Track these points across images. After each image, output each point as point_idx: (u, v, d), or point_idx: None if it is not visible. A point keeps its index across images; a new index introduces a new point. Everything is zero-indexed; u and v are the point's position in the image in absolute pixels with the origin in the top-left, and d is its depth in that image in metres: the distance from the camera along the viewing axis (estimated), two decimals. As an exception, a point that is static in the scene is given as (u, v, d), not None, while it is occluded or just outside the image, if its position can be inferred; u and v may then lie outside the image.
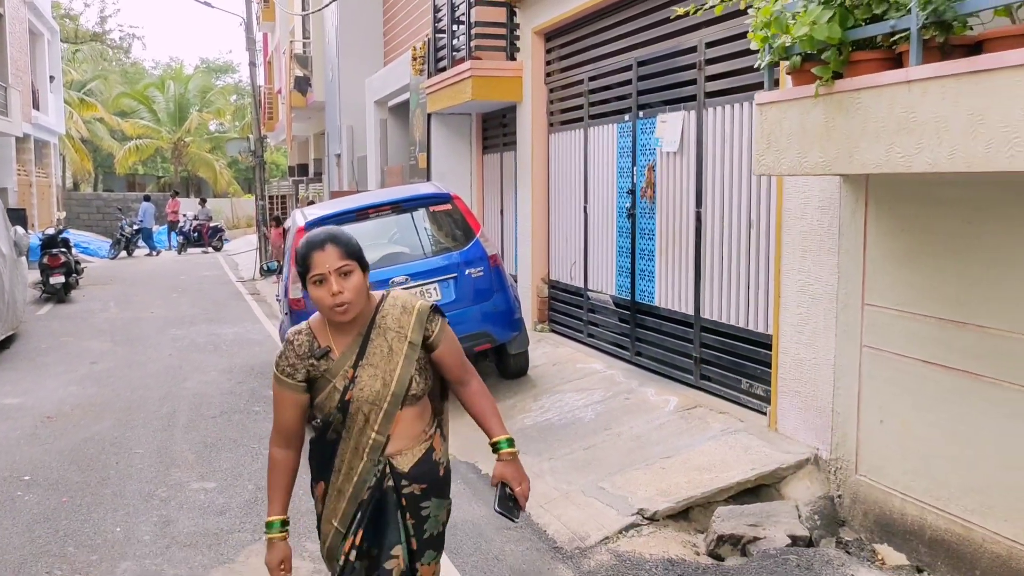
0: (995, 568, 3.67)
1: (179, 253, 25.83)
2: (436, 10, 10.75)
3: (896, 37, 3.37)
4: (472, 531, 4.66)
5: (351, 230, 7.04)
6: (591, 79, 7.81)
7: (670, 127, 6.40)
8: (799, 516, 4.49)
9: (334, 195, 17.61)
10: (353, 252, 2.51)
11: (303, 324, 2.63)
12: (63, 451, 6.26)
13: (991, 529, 3.69)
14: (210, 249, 26.35)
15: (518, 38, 9.27)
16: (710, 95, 5.98)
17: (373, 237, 6.84)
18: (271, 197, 26.02)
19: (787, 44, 3.74)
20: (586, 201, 8.02)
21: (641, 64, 6.90)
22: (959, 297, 3.81)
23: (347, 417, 2.56)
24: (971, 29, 3.31)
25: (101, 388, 8.26)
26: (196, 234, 26.56)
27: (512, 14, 9.32)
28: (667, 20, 4.74)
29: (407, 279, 6.53)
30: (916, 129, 3.17)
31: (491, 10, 9.39)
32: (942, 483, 3.94)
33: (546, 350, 8.17)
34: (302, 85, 21.26)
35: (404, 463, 2.61)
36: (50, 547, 4.60)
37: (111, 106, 38.65)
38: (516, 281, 9.21)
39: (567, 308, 8.65)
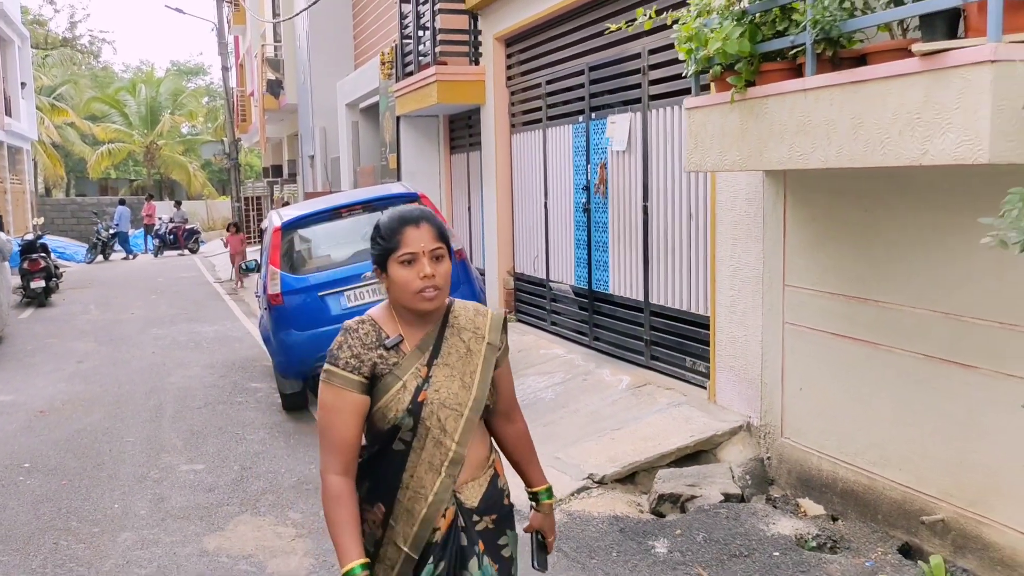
0: (893, 511, 4.21)
1: (156, 256, 26.00)
2: (403, 17, 11.17)
3: (796, 50, 3.89)
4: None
5: (326, 228, 7.57)
6: (548, 83, 8.30)
7: (619, 127, 6.91)
8: (732, 477, 5.03)
9: (308, 196, 18.00)
10: (446, 236, 2.23)
11: (363, 315, 2.27)
12: (58, 441, 6.68)
13: (889, 478, 4.23)
14: (186, 251, 26.56)
15: (480, 44, 9.75)
16: (653, 98, 6.48)
17: (346, 235, 7.31)
18: (246, 198, 26.32)
19: (708, 56, 4.24)
20: (546, 197, 8.51)
21: (592, 69, 7.40)
22: (860, 276, 4.35)
23: (418, 423, 2.16)
24: (862, 43, 3.84)
25: (89, 384, 8.65)
26: (172, 237, 26.75)
27: (474, 21, 9.79)
28: (615, 28, 5.22)
29: None
30: (812, 131, 3.69)
31: (454, 18, 9.84)
32: (849, 440, 4.48)
33: (512, 338, 8.54)
34: (274, 88, 21.56)
35: (471, 496, 2.23)
36: (55, 522, 5.05)
37: (82, 111, 38.59)
38: (484, 275, 9.71)
39: (531, 298, 9.15)
